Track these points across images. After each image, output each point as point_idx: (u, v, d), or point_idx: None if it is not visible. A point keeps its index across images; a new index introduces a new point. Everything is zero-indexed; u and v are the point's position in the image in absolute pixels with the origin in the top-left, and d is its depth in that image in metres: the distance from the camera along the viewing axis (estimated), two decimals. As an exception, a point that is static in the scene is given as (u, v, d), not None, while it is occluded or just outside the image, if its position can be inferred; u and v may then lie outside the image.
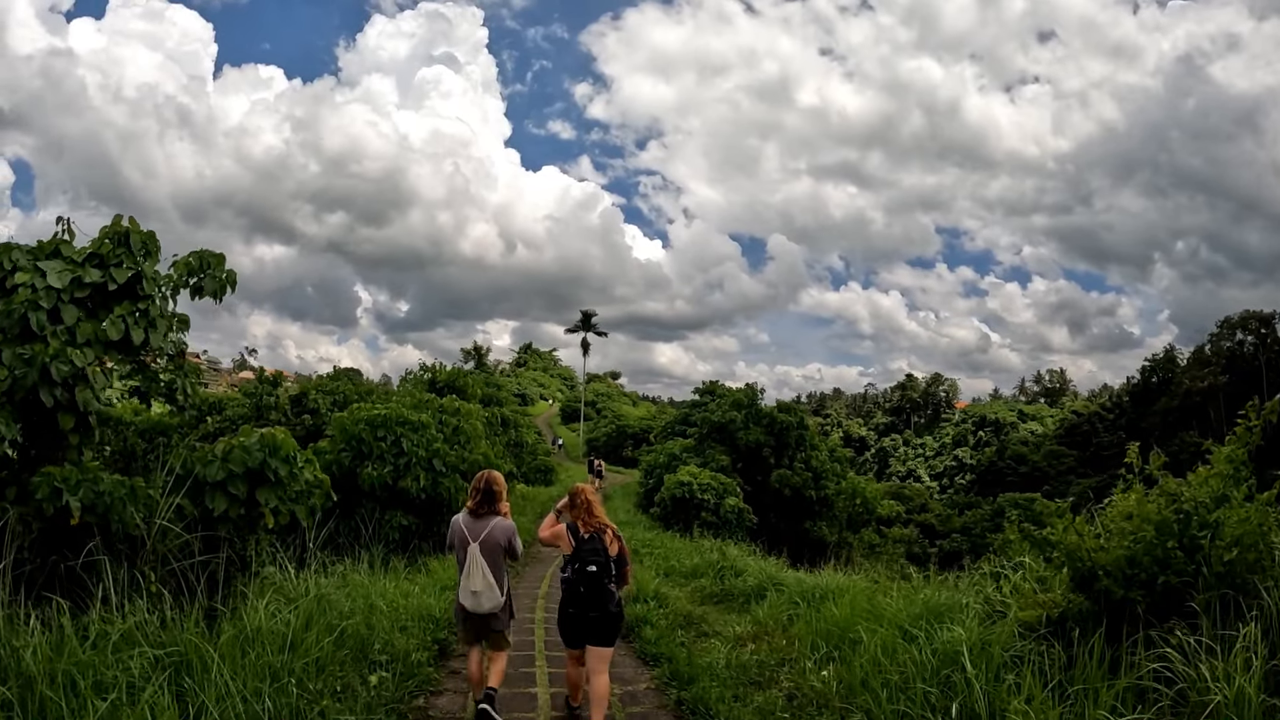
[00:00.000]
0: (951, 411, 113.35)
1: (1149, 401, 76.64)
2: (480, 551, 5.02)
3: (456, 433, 15.24)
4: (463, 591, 5.07)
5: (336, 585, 7.52)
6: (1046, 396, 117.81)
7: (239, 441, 6.90)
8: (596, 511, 5.05)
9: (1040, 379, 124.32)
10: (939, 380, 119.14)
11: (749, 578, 10.88)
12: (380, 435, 12.92)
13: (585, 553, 4.87)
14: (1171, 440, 67.06)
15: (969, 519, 52.52)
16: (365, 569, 9.45)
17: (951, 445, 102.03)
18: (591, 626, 4.88)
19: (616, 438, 56.06)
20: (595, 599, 4.83)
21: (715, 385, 31.19)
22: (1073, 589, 5.32)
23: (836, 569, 11.90)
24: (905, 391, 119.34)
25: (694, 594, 10.81)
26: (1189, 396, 70.19)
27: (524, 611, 8.64)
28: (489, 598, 5.02)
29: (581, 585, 4.84)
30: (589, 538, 4.92)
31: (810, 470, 23.89)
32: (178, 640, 4.48)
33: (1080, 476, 73.86)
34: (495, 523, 5.17)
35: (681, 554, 13.70)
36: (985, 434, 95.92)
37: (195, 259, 7.05)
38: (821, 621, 6.73)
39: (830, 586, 8.22)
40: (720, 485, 19.56)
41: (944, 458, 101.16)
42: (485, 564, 5.00)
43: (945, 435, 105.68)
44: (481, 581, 4.99)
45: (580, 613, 4.88)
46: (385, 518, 12.37)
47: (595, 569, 4.81)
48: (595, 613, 4.85)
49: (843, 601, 7.25)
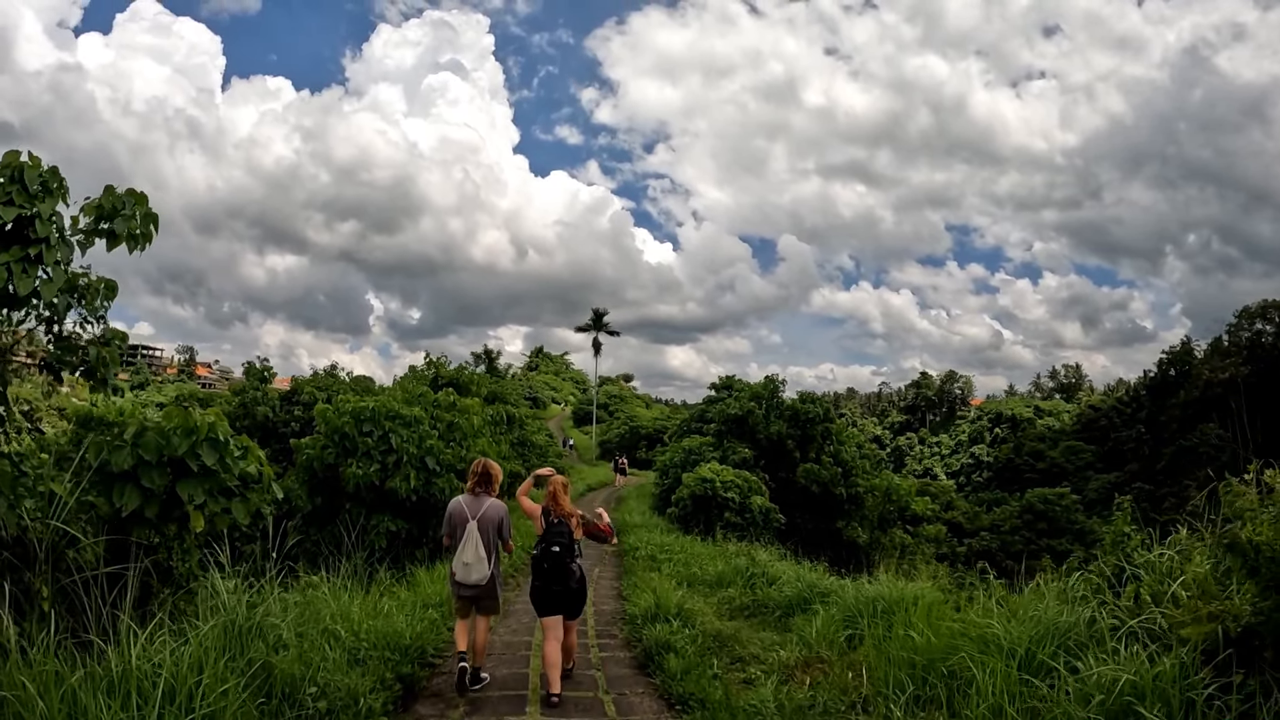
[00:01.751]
0: (967, 409, 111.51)
1: (1167, 394, 74.69)
2: (476, 528, 5.62)
3: (453, 429, 13.84)
4: (456, 563, 5.66)
5: (295, 602, 6.11)
6: (1062, 392, 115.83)
7: (154, 421, 5.53)
8: (561, 500, 5.77)
9: (1055, 374, 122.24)
10: (954, 378, 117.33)
11: (785, 586, 9.40)
12: (367, 430, 11.55)
13: (552, 535, 5.60)
14: (1192, 432, 65.40)
15: (997, 516, 50.64)
16: (342, 581, 8.12)
17: (968, 443, 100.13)
18: (558, 599, 5.61)
19: (630, 439, 54.58)
20: (559, 574, 5.58)
21: (732, 379, 29.61)
22: (1260, 594, 3.85)
23: (884, 573, 10.43)
24: (920, 389, 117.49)
25: (721, 607, 9.34)
26: (1209, 388, 68.17)
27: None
28: (477, 570, 5.57)
29: (546, 562, 5.58)
30: (558, 522, 5.66)
31: (839, 465, 22.22)
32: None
33: (1099, 472, 71.96)
34: (491, 503, 5.78)
35: (704, 560, 12.21)
36: (1002, 430, 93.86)
37: (107, 200, 5.71)
38: (898, 646, 5.22)
39: (894, 597, 6.71)
40: (745, 482, 17.95)
41: (960, 455, 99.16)
42: (480, 539, 5.61)
43: (961, 433, 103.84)
44: (473, 554, 5.57)
45: (545, 585, 5.60)
46: (371, 522, 10.99)
47: (559, 549, 5.56)
48: (559, 587, 5.58)
49: (917, 617, 5.75)
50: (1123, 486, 65.68)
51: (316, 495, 11.67)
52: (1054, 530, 55.03)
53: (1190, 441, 64.76)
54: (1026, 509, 54.00)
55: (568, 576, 5.59)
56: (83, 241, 5.63)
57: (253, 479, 5.87)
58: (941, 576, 9.64)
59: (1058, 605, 5.19)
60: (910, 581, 7.57)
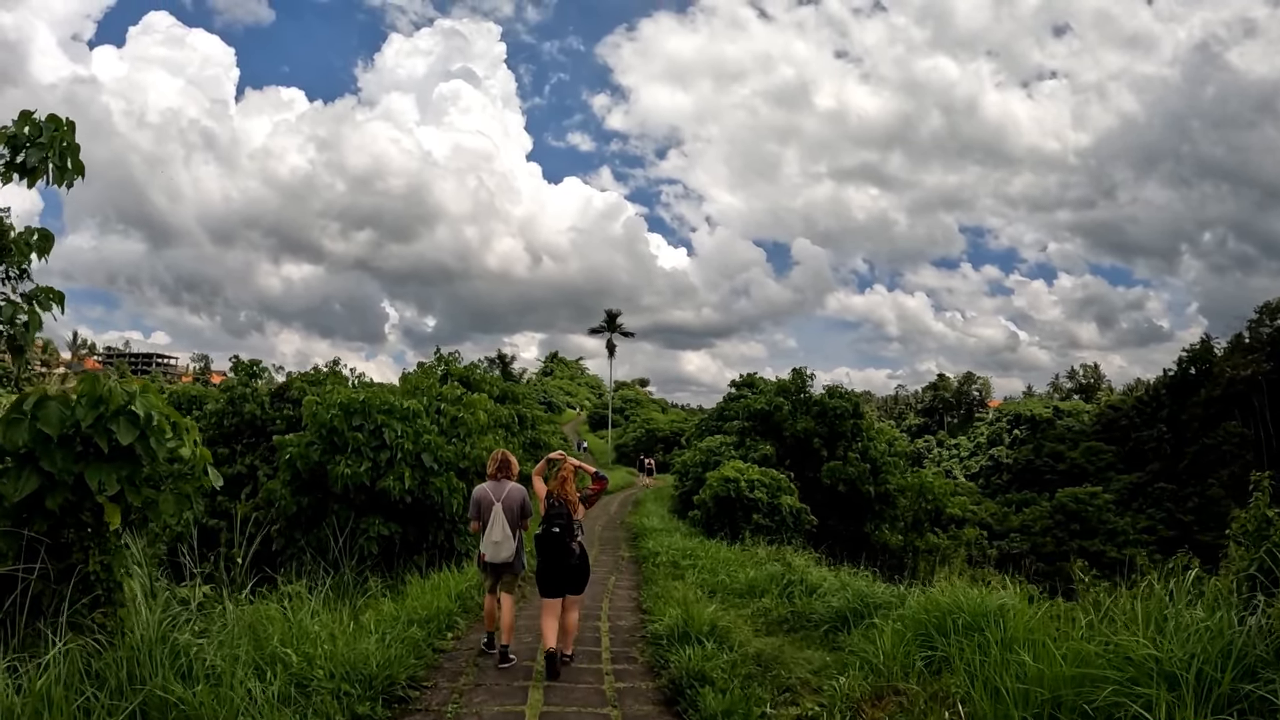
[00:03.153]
0: (985, 411, 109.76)
1: (1188, 393, 72.72)
2: (501, 509, 6.17)
3: (456, 424, 12.74)
4: (485, 543, 6.21)
5: (253, 619, 5.04)
6: (1081, 392, 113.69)
7: (57, 391, 4.46)
8: (567, 485, 6.15)
9: (1074, 374, 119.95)
10: (971, 379, 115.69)
11: (830, 597, 8.21)
12: (357, 424, 10.46)
13: (553, 516, 5.99)
14: (1215, 430, 63.42)
15: (1027, 517, 48.83)
16: (325, 592, 7.09)
17: (987, 445, 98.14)
18: (561, 577, 5.97)
19: (646, 442, 53.31)
20: (558, 552, 5.94)
21: (754, 377, 28.27)
22: None
23: (944, 578, 9.16)
24: (937, 392, 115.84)
25: (755, 620, 8.15)
26: (1231, 385, 66.19)
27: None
28: (505, 547, 6.14)
29: (547, 541, 5.96)
30: (559, 504, 6.02)
31: (868, 462, 20.80)
32: None
33: (1120, 472, 70.00)
34: (512, 486, 6.32)
35: (732, 565, 11.01)
36: (1021, 431, 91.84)
37: (21, 124, 4.73)
38: (1001, 672, 4.02)
39: (975, 608, 5.49)
40: (773, 481, 16.63)
41: (979, 457, 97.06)
42: (505, 520, 6.15)
43: (980, 435, 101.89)
44: (500, 533, 6.13)
45: (547, 563, 5.96)
46: (360, 526, 9.88)
47: (558, 530, 5.94)
48: (560, 564, 5.95)
49: (1017, 634, 4.57)
50: (1145, 487, 63.92)
51: (302, 496, 10.60)
52: (1086, 531, 53.23)
53: (1213, 440, 62.94)
54: (1058, 509, 52.20)
55: (567, 554, 6.00)
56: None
57: (185, 466, 4.77)
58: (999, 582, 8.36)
59: (1204, 613, 3.99)
60: (983, 588, 6.32)
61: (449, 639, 6.78)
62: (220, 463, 15.31)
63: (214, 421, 15.65)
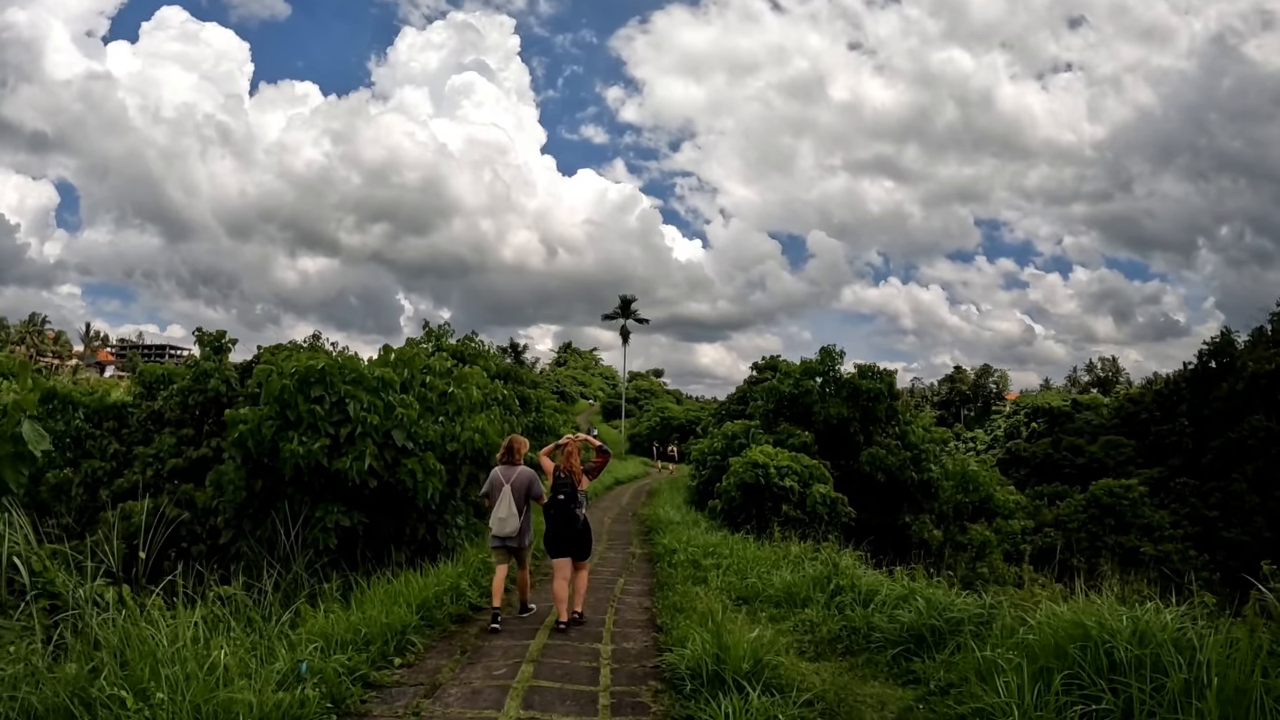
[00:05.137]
0: (1002, 404, 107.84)
1: (1209, 386, 70.44)
2: (510, 490, 6.81)
3: (446, 400, 11.01)
4: (493, 519, 6.80)
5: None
6: (1099, 386, 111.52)
7: None
8: (573, 461, 6.88)
9: (1092, 367, 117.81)
10: (988, 372, 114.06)
11: (896, 609, 6.47)
12: (317, 395, 8.77)
13: (560, 485, 6.77)
14: (1239, 425, 61.15)
15: (1061, 512, 46.56)
16: (272, 595, 5.55)
17: (1004, 438, 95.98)
18: (566, 541, 6.70)
19: (662, 431, 51.45)
20: (564, 518, 6.69)
21: (776, 360, 26.24)
22: None
23: (1041, 588, 7.39)
24: (954, 384, 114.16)
25: (799, 637, 6.41)
26: (1255, 379, 63.78)
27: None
28: (510, 523, 6.73)
29: (553, 509, 6.72)
30: (565, 476, 6.80)
31: (909, 449, 18.84)
32: None
33: (1140, 466, 67.79)
34: (521, 469, 6.99)
35: (763, 566, 9.25)
36: (1039, 424, 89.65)
37: None
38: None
39: (1133, 630, 3.73)
40: (804, 468, 14.77)
41: (996, 451, 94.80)
42: (512, 499, 6.77)
43: (997, 428, 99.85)
44: (506, 510, 6.74)
45: (554, 529, 6.71)
46: (316, 515, 8.21)
47: (564, 497, 6.71)
48: (566, 530, 6.68)
49: (1199, 673, 2.80)
50: (1166, 481, 61.63)
51: (256, 480, 8.96)
52: (1120, 525, 51.08)
53: (1237, 434, 60.67)
54: (1092, 502, 49.90)
55: (573, 520, 6.64)
56: None
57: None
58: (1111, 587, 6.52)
59: None
60: (1137, 605, 4.48)
61: (395, 667, 5.07)
62: (185, 444, 13.76)
63: (178, 400, 14.10)
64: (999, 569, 18.51)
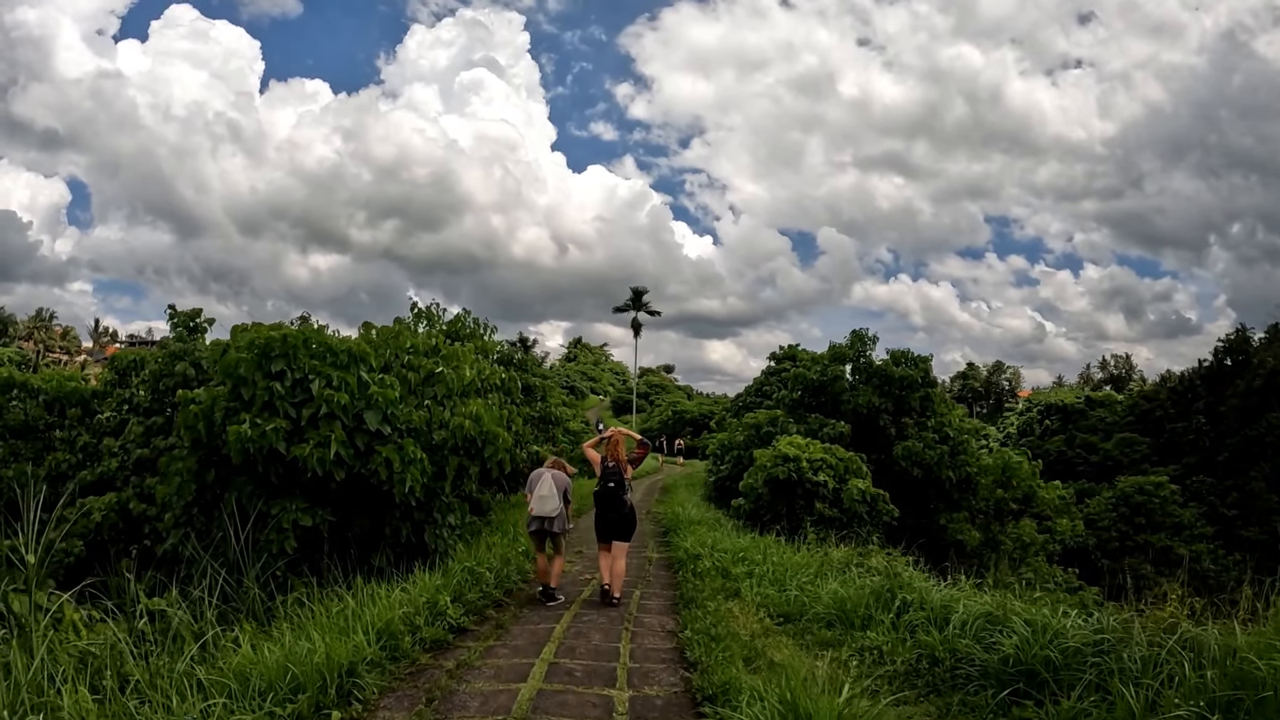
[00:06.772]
0: (1015, 401, 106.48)
1: (1224, 384, 68.83)
2: (551, 479, 7.29)
3: (432, 381, 9.62)
4: (534, 500, 7.24)
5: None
6: (1112, 383, 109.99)
7: None
8: (619, 451, 7.49)
9: (1105, 364, 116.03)
10: (1001, 369, 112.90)
11: (991, 633, 5.06)
12: (277, 371, 7.40)
13: (608, 475, 7.36)
14: (1256, 422, 59.56)
15: (1091, 510, 44.83)
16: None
17: (1017, 435, 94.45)
18: (614, 525, 7.28)
19: (674, 425, 49.95)
20: (613, 504, 7.28)
21: (796, 349, 24.64)
22: None
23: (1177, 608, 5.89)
24: (966, 381, 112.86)
25: (868, 670, 4.99)
26: (1272, 376, 62.05)
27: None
28: (550, 502, 7.15)
29: (603, 495, 7.32)
30: (613, 466, 7.39)
31: (946, 442, 17.25)
32: None
33: (1155, 464, 66.15)
34: (560, 474, 7.49)
35: (803, 574, 7.81)
36: (1052, 422, 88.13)
37: None
38: None
39: None
40: (839, 462, 13.24)
41: (1009, 448, 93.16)
42: (553, 484, 7.24)
43: (1010, 425, 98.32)
44: (547, 490, 7.19)
45: (603, 514, 7.34)
46: (271, 512, 6.83)
47: (613, 485, 7.30)
48: (614, 514, 7.28)
49: None
50: (1183, 480, 59.82)
51: (209, 470, 7.60)
52: (1152, 524, 49.38)
53: (1255, 432, 58.93)
54: (1121, 500, 48.16)
55: (620, 505, 7.30)
56: None
57: None
58: None
59: None
60: None
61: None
62: (153, 433, 12.46)
63: (150, 386, 12.79)
64: (1044, 572, 16.99)
